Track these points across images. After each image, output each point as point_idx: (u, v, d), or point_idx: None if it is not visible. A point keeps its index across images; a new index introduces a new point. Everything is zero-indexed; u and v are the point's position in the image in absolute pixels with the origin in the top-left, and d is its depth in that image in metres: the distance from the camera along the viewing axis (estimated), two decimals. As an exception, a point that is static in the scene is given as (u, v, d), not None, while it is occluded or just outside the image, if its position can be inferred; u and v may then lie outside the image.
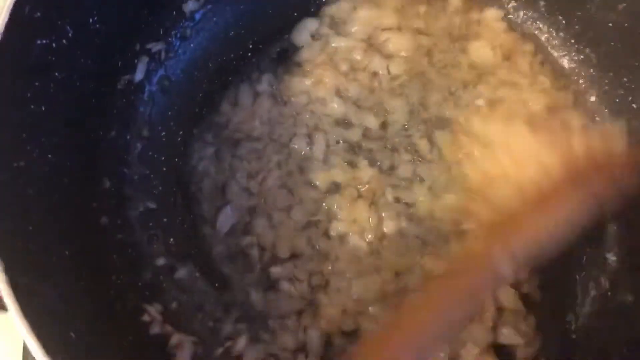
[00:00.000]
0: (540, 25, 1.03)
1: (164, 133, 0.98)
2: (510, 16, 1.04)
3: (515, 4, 1.04)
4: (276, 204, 0.93)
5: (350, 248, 0.90)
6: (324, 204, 0.93)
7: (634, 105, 0.93)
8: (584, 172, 0.70)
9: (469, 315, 0.72)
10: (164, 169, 0.97)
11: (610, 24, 0.93)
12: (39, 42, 0.75)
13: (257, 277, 0.90)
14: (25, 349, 0.93)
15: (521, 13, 1.04)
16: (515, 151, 0.75)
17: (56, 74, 0.79)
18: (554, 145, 0.72)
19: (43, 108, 0.77)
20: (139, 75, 0.96)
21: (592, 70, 0.98)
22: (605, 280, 0.89)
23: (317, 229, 0.92)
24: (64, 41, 0.79)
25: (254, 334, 0.86)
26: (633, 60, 0.92)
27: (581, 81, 1.00)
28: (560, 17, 1.01)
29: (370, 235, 0.90)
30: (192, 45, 1.02)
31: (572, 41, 1.00)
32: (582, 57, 0.99)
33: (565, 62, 1.01)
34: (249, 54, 1.04)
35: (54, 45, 0.77)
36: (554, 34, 1.02)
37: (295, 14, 1.05)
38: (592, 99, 0.98)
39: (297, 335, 0.87)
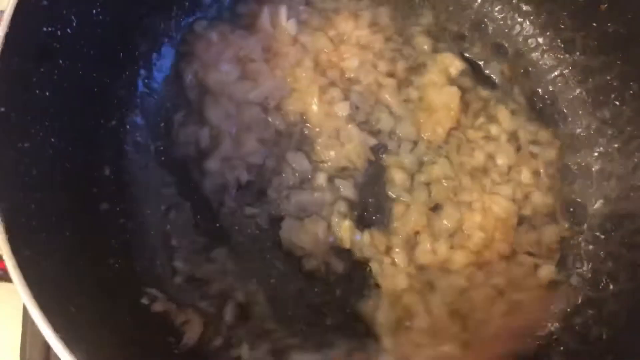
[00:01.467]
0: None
1: (162, 124, 1.01)
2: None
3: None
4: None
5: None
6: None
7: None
8: None
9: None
10: (162, 158, 1.00)
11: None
12: (44, 29, 0.78)
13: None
14: (25, 317, 0.97)
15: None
16: None
17: (60, 61, 0.82)
18: None
19: (47, 93, 0.79)
20: (140, 67, 0.99)
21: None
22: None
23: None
24: (69, 30, 0.82)
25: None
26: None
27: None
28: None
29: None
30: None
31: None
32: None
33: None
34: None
35: (59, 33, 0.80)
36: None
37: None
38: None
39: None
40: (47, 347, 0.96)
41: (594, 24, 0.96)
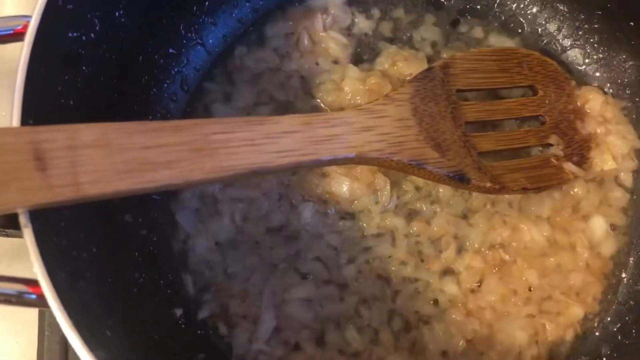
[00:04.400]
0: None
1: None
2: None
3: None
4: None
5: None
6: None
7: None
8: None
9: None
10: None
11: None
12: (70, 34, 0.74)
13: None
14: (40, 329, 0.95)
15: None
16: None
17: (84, 67, 0.78)
18: None
19: (71, 102, 0.75)
20: (158, 73, 0.95)
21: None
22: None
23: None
24: (92, 34, 0.78)
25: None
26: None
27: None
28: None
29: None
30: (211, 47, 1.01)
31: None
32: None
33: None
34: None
35: (83, 38, 0.76)
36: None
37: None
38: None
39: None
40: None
41: (631, 24, 0.94)
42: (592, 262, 0.91)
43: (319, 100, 0.98)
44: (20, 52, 0.67)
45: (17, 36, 0.69)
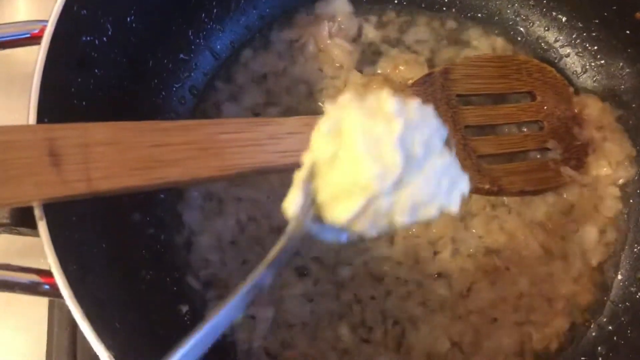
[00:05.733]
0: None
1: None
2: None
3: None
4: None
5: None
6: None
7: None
8: None
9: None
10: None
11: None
12: (84, 38, 0.77)
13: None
14: (50, 327, 0.97)
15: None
16: None
17: (96, 70, 0.81)
18: None
19: (84, 103, 0.78)
20: (168, 77, 0.98)
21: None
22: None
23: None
24: (104, 39, 0.81)
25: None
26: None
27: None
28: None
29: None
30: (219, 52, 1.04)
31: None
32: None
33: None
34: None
35: (96, 42, 0.79)
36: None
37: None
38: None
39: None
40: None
41: (627, 32, 0.96)
42: (583, 272, 0.92)
43: (321, 105, 1.01)
44: (35, 55, 0.70)
45: (34, 39, 0.72)
